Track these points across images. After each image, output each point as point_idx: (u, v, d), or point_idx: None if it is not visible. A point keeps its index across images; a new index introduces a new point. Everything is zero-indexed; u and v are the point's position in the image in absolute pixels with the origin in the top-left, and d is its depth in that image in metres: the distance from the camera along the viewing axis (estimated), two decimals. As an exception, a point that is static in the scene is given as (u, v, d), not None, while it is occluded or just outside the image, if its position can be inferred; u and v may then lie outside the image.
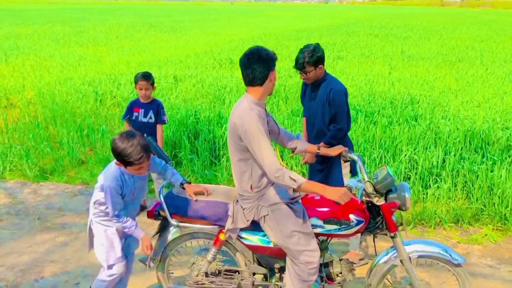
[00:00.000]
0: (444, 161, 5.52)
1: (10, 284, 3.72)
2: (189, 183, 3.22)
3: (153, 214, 3.19)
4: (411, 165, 5.54)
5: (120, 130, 6.45)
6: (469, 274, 3.09)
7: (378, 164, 5.55)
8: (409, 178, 5.35)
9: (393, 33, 24.80)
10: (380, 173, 2.92)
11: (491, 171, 5.16)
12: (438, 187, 5.16)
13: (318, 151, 3.32)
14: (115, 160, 2.94)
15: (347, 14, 56.70)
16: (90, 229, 3.21)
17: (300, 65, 3.81)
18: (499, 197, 4.84)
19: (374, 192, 2.91)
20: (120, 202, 3.02)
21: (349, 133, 6.09)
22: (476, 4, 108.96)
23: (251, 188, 2.89)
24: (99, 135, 6.76)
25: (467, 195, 5.16)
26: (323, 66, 3.87)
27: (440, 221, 4.84)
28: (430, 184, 5.25)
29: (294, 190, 2.83)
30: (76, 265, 3.97)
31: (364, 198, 2.96)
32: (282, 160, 5.71)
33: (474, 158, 5.50)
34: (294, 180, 2.64)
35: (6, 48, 16.18)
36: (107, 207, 3.05)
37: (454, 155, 5.53)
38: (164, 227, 3.25)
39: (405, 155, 5.52)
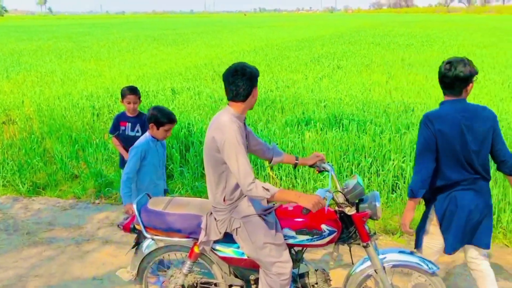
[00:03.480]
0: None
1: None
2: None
3: (129, 227, 3.22)
4: (400, 174, 5.53)
5: (111, 143, 6.50)
6: (445, 282, 3.08)
7: (366, 173, 5.54)
8: (398, 186, 5.34)
9: (395, 41, 24.83)
10: (350, 183, 2.93)
11: (479, 179, 5.13)
12: (426, 195, 5.13)
13: (296, 161, 3.35)
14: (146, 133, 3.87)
15: (351, 22, 56.91)
16: None
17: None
18: (487, 205, 4.81)
19: (346, 202, 2.92)
20: (136, 168, 3.75)
21: (338, 142, 6.18)
22: (482, 10, 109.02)
23: (224, 200, 2.91)
24: (92, 149, 6.83)
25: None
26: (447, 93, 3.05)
27: (427, 229, 4.81)
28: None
29: (268, 201, 2.84)
30: (60, 279, 3.99)
31: (336, 208, 2.98)
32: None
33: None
34: (267, 190, 2.67)
35: (8, 65, 16.40)
36: None
37: (443, 163, 5.50)
38: (141, 240, 3.27)
39: (393, 164, 5.51)
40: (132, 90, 4.79)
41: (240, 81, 2.78)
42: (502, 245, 4.61)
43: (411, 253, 3.16)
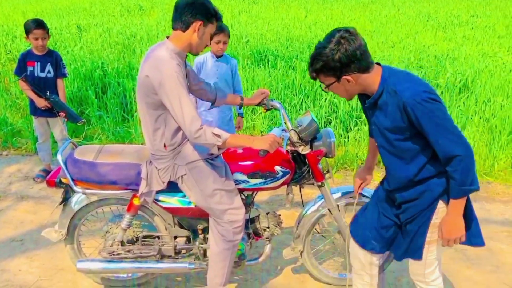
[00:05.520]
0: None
1: None
2: None
3: (54, 182, 2.78)
4: (331, 109, 5.45)
5: (17, 87, 5.77)
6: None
7: (299, 110, 5.41)
8: (330, 123, 5.27)
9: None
10: (304, 120, 2.71)
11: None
12: (358, 129, 5.12)
13: (241, 102, 3.04)
14: None
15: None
16: None
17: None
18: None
19: (299, 141, 2.72)
20: None
21: (264, 81, 5.92)
22: None
23: (165, 146, 2.57)
24: (-8, 95, 6.02)
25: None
26: (363, 71, 2.06)
27: (362, 163, 4.83)
28: (351, 127, 5.20)
29: (219, 149, 2.54)
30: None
31: (288, 147, 2.77)
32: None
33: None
34: (218, 136, 2.36)
35: None
36: None
37: (373, 97, 5.50)
38: (69, 195, 2.87)
39: (325, 99, 5.42)
40: (39, 24, 4.16)
41: (184, 6, 2.39)
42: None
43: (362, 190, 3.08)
